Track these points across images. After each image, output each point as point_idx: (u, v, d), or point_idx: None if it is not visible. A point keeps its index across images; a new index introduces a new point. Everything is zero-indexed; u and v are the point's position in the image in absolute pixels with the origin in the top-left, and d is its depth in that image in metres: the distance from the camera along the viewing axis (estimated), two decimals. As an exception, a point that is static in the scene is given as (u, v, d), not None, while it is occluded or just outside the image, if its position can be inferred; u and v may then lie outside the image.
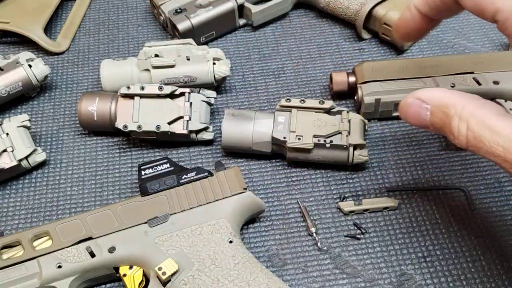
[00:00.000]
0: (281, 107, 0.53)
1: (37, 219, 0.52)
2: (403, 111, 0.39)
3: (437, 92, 0.38)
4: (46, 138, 0.58)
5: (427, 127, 0.38)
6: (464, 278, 0.47)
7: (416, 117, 0.38)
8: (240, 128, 0.53)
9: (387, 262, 0.48)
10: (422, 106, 0.38)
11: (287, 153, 0.52)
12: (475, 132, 0.34)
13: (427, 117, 0.38)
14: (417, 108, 0.38)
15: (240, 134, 0.52)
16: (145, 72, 0.58)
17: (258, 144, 0.53)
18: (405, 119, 0.39)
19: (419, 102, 0.38)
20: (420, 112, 0.38)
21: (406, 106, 0.39)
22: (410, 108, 0.39)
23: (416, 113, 0.38)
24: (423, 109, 0.38)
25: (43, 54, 0.66)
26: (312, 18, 0.69)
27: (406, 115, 0.39)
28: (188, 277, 0.43)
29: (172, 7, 0.64)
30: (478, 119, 0.34)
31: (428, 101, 0.38)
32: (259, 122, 0.53)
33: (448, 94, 0.37)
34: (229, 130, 0.53)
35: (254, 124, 0.52)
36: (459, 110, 0.35)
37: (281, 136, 0.51)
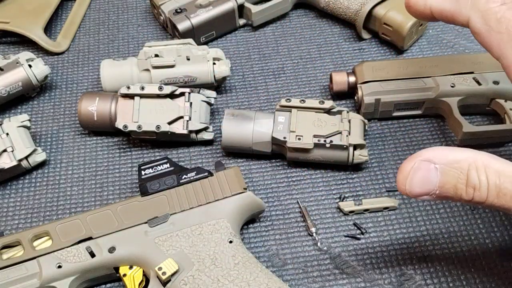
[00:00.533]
0: (281, 107, 0.53)
1: (37, 219, 0.52)
2: (408, 179, 0.35)
3: (444, 149, 0.35)
4: (46, 138, 0.58)
5: (431, 192, 0.35)
6: (464, 278, 0.47)
7: (423, 182, 0.35)
8: (240, 128, 0.52)
9: (387, 262, 0.48)
10: (430, 167, 0.35)
11: (287, 153, 0.52)
12: (495, 181, 0.34)
13: (435, 178, 0.35)
14: (426, 171, 0.35)
15: (240, 134, 0.52)
16: (145, 72, 0.58)
17: (258, 144, 0.53)
18: (409, 189, 0.35)
19: (427, 164, 0.35)
20: (429, 175, 0.35)
21: (411, 171, 0.35)
22: (417, 173, 0.35)
23: (425, 178, 0.35)
24: (432, 171, 0.35)
25: (43, 54, 0.66)
26: (312, 18, 0.69)
27: (411, 184, 0.35)
28: (188, 277, 0.43)
29: (172, 7, 0.64)
30: (494, 168, 0.34)
31: (437, 160, 0.35)
32: (259, 122, 0.53)
33: (455, 150, 0.35)
34: (229, 130, 0.53)
35: (254, 124, 0.52)
36: (473, 162, 0.34)
37: (281, 136, 0.51)
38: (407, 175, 0.35)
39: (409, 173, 0.35)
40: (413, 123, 0.58)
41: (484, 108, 0.56)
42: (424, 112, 0.57)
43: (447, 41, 0.65)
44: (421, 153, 0.35)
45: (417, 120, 0.58)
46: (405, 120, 0.58)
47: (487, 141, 0.54)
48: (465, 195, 0.34)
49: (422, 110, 0.56)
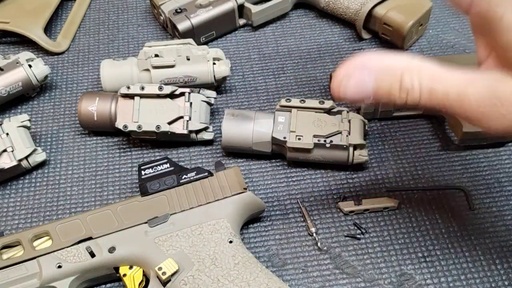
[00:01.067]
0: (281, 107, 0.53)
1: (37, 219, 0.52)
2: (342, 85, 0.35)
3: (378, 54, 0.35)
4: (46, 138, 0.58)
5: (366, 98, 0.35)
6: (464, 278, 0.47)
7: (357, 86, 0.35)
8: (240, 128, 0.52)
9: (387, 262, 0.48)
10: (364, 72, 0.35)
11: (287, 153, 0.52)
12: (427, 83, 0.34)
13: (370, 83, 0.35)
14: (360, 76, 0.35)
15: (240, 134, 0.52)
16: (145, 72, 0.58)
17: (258, 144, 0.53)
18: (343, 94, 0.35)
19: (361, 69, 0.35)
20: (362, 79, 0.35)
21: (345, 77, 0.35)
22: (351, 79, 0.35)
23: (358, 84, 0.35)
24: (365, 75, 0.35)
25: (43, 54, 0.66)
26: (312, 18, 0.69)
27: (346, 89, 0.35)
28: (188, 277, 0.43)
29: (172, 7, 0.64)
30: (427, 71, 0.34)
31: (371, 66, 0.35)
32: (259, 122, 0.53)
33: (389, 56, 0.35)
34: (229, 130, 0.53)
35: (254, 124, 0.52)
36: (406, 67, 0.34)
37: (281, 136, 0.51)
38: (340, 81, 0.35)
39: (342, 79, 0.35)
40: (413, 123, 0.58)
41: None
42: (424, 112, 0.57)
43: (447, 41, 0.65)
44: (355, 58, 0.35)
45: (417, 120, 0.58)
46: (405, 120, 0.58)
47: (487, 141, 0.54)
48: (399, 99, 0.35)
49: (422, 110, 0.56)
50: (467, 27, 0.66)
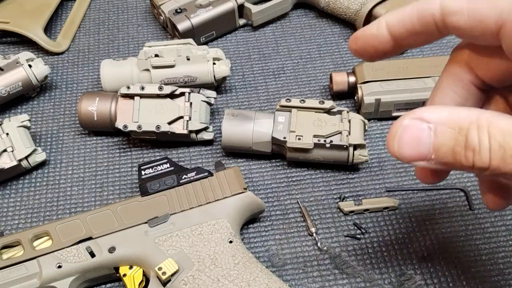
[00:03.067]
0: (281, 107, 0.53)
1: (37, 219, 0.52)
2: (396, 140, 0.30)
3: (442, 107, 0.30)
4: (46, 138, 0.58)
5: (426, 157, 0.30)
6: (464, 278, 0.47)
7: (415, 144, 0.29)
8: (240, 128, 0.52)
9: (387, 262, 0.48)
10: (422, 126, 0.29)
11: (287, 153, 0.52)
12: (500, 141, 0.27)
13: (428, 140, 0.29)
14: (417, 130, 0.29)
15: (240, 134, 0.52)
16: (145, 72, 0.58)
17: (258, 144, 0.53)
18: (398, 150, 0.30)
19: (419, 123, 0.29)
20: (420, 135, 0.29)
21: (400, 131, 0.30)
22: (406, 132, 0.29)
23: (416, 138, 0.29)
24: (424, 131, 0.29)
25: (43, 54, 0.66)
26: (312, 18, 0.69)
27: (401, 144, 0.30)
28: (188, 277, 0.43)
29: (172, 7, 0.64)
30: (499, 127, 0.28)
31: (431, 118, 0.29)
32: (259, 122, 0.53)
33: (454, 110, 0.29)
34: (229, 130, 0.53)
35: (254, 124, 0.52)
36: (474, 121, 0.28)
37: (281, 136, 0.51)
38: (395, 134, 0.30)
39: (397, 131, 0.30)
40: (413, 123, 0.57)
41: (484, 108, 0.56)
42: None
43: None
44: (414, 111, 0.30)
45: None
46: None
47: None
48: (465, 160, 0.28)
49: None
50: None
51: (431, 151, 0.29)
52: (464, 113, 0.29)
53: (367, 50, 0.35)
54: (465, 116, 0.28)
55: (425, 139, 0.29)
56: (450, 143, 0.29)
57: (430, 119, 0.29)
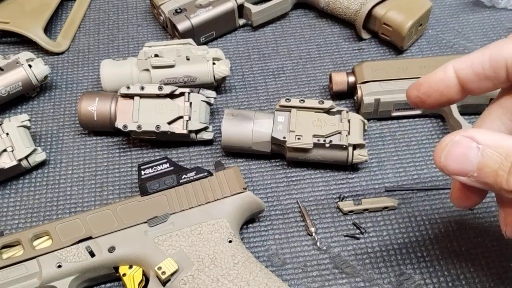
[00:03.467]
0: (280, 107, 0.53)
1: (37, 218, 0.52)
2: (444, 152, 0.32)
3: (494, 133, 0.32)
4: (46, 138, 0.58)
5: (468, 174, 0.32)
6: (464, 278, 0.47)
7: (460, 159, 0.32)
8: (240, 128, 0.53)
9: (386, 261, 0.48)
10: (472, 145, 0.31)
11: (286, 153, 0.52)
12: None
13: (475, 159, 0.31)
14: (465, 148, 0.32)
15: (240, 134, 0.53)
16: (145, 72, 0.58)
17: (257, 144, 0.53)
18: (444, 161, 0.32)
19: (469, 142, 0.32)
20: (468, 152, 0.31)
21: (449, 145, 0.32)
22: (455, 147, 0.32)
23: (461, 155, 0.32)
24: (472, 150, 0.31)
25: (43, 54, 0.66)
26: (312, 18, 0.69)
27: (448, 156, 0.32)
28: (188, 276, 0.43)
29: (172, 7, 0.64)
30: None
31: (480, 139, 0.31)
32: (258, 122, 0.53)
33: (507, 136, 0.31)
34: (229, 130, 0.53)
35: (254, 124, 0.52)
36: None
37: (281, 136, 0.51)
38: (444, 147, 0.32)
39: (446, 146, 0.32)
40: (413, 123, 0.58)
41: (484, 108, 0.56)
42: (424, 112, 0.57)
43: (447, 41, 0.65)
44: (466, 130, 0.32)
45: (416, 120, 0.58)
46: (404, 120, 0.58)
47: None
48: (505, 184, 0.30)
49: (421, 110, 0.56)
50: (467, 27, 0.66)
51: (474, 169, 0.31)
52: None
53: (432, 95, 0.36)
54: None
55: (471, 157, 0.31)
56: (495, 165, 0.31)
57: (480, 140, 0.31)
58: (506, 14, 0.68)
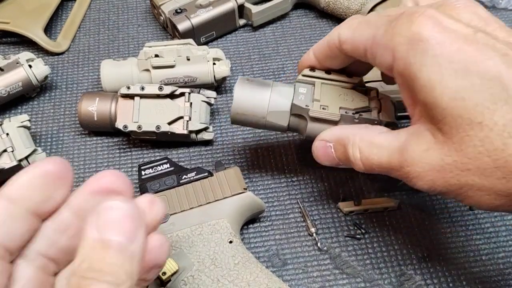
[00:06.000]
0: (303, 76, 0.46)
1: (37, 219, 0.52)
2: (315, 155, 0.43)
3: (335, 129, 0.42)
4: (46, 138, 0.58)
5: (338, 163, 0.42)
6: (464, 279, 0.47)
7: (326, 157, 0.43)
8: (255, 93, 0.45)
9: (387, 262, 0.48)
10: (326, 145, 0.42)
11: (306, 128, 0.45)
12: (366, 153, 0.38)
13: (333, 153, 0.42)
14: (324, 148, 0.42)
15: (255, 100, 0.45)
16: (145, 72, 0.58)
17: (274, 114, 0.45)
18: (320, 162, 0.43)
19: (324, 143, 0.42)
20: (327, 151, 0.42)
21: (315, 150, 0.43)
22: (319, 150, 0.43)
23: (325, 154, 0.42)
24: (328, 148, 0.42)
25: (43, 54, 0.66)
26: (312, 18, 0.69)
27: (318, 157, 0.43)
28: (188, 277, 0.43)
29: (172, 7, 0.64)
30: (366, 141, 0.39)
31: (329, 139, 0.42)
32: (277, 89, 0.45)
33: (343, 129, 0.42)
34: (242, 95, 0.45)
35: (272, 91, 0.45)
36: (351, 138, 0.40)
37: (303, 104, 0.44)
38: (313, 151, 0.43)
39: (314, 150, 0.43)
40: (413, 123, 0.57)
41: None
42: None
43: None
44: (320, 134, 0.43)
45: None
46: (405, 120, 0.58)
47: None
48: (356, 167, 0.40)
49: None
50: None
51: (338, 160, 0.42)
52: (346, 132, 0.41)
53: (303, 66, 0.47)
54: (346, 135, 0.41)
55: (330, 153, 0.42)
56: (343, 156, 0.41)
57: (328, 139, 0.42)
58: (506, 14, 0.68)
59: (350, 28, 0.41)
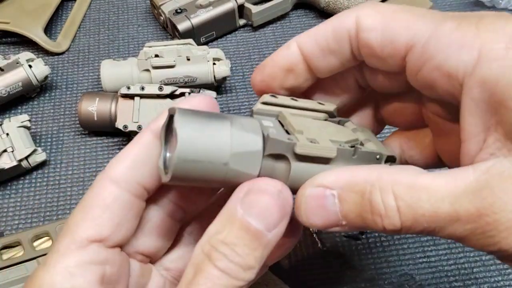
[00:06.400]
0: (264, 105, 0.31)
1: (37, 219, 0.52)
2: (303, 212, 0.27)
3: (340, 171, 0.27)
4: (46, 138, 0.58)
5: (338, 223, 0.27)
6: (465, 279, 0.47)
7: (322, 213, 0.26)
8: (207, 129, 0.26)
9: (387, 262, 0.48)
10: (325, 195, 0.26)
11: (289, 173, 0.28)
12: (407, 200, 0.25)
13: (335, 207, 0.26)
14: (321, 199, 0.26)
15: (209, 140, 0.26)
16: (145, 73, 0.58)
17: (240, 157, 0.27)
18: (307, 220, 0.27)
19: (321, 192, 0.27)
20: (326, 204, 0.26)
21: (304, 203, 0.27)
22: (311, 202, 0.27)
23: (321, 208, 0.26)
24: (328, 199, 0.26)
25: (43, 54, 0.66)
26: (312, 18, 0.69)
27: (309, 214, 0.27)
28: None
29: (172, 8, 0.64)
30: (404, 184, 0.25)
31: (332, 185, 0.26)
32: (238, 123, 0.27)
33: (355, 170, 0.27)
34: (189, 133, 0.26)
35: (233, 125, 0.27)
36: (376, 181, 0.25)
37: (284, 137, 0.28)
38: (300, 205, 0.27)
39: (301, 203, 0.27)
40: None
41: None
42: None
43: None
44: (314, 178, 0.27)
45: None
46: (405, 120, 0.58)
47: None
48: (375, 225, 0.26)
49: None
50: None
51: (340, 217, 0.27)
52: (364, 174, 0.26)
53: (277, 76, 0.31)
54: (364, 178, 0.26)
55: (331, 207, 0.26)
56: (356, 209, 0.26)
57: (331, 185, 0.26)
58: (506, 14, 0.68)
59: (379, 14, 0.28)
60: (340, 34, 0.29)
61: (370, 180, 0.26)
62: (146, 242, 0.30)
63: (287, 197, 0.26)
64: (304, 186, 0.27)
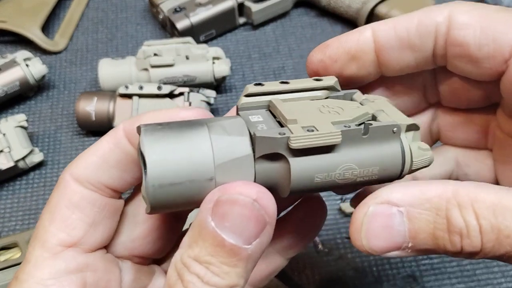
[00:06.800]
0: (248, 97, 0.27)
1: (35, 220, 0.52)
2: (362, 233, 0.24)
3: (408, 187, 0.23)
4: (44, 138, 0.58)
5: (401, 246, 0.24)
6: (467, 280, 0.46)
7: (385, 235, 0.23)
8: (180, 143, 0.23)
9: (390, 264, 0.47)
10: (392, 212, 0.23)
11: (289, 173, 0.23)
12: (491, 220, 0.22)
13: (402, 227, 0.23)
14: (386, 218, 0.23)
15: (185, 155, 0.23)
16: (144, 72, 0.57)
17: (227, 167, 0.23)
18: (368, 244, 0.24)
19: (387, 209, 0.23)
20: (392, 222, 0.23)
21: (365, 222, 0.24)
22: (373, 222, 0.23)
23: (385, 228, 0.23)
24: (395, 217, 0.23)
25: (41, 53, 0.65)
26: (313, 17, 0.68)
27: (369, 237, 0.24)
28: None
29: (171, 6, 0.63)
30: (486, 203, 0.22)
31: (399, 201, 0.23)
32: (218, 126, 0.24)
33: (424, 186, 0.23)
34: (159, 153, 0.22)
35: (211, 130, 0.23)
36: (451, 198, 0.23)
37: (275, 133, 0.23)
38: (360, 226, 0.24)
39: (362, 224, 0.24)
40: (415, 123, 0.57)
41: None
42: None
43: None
44: (376, 194, 0.24)
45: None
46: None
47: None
48: (451, 246, 0.23)
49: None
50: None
51: (407, 239, 0.24)
52: (439, 189, 0.23)
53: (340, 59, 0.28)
54: (440, 193, 0.23)
55: (397, 227, 0.23)
56: (429, 227, 0.23)
57: (399, 202, 0.23)
58: (509, 13, 0.67)
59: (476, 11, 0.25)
60: (426, 28, 0.26)
61: (446, 196, 0.23)
62: (142, 243, 0.28)
63: (266, 205, 0.22)
64: (365, 203, 0.24)
